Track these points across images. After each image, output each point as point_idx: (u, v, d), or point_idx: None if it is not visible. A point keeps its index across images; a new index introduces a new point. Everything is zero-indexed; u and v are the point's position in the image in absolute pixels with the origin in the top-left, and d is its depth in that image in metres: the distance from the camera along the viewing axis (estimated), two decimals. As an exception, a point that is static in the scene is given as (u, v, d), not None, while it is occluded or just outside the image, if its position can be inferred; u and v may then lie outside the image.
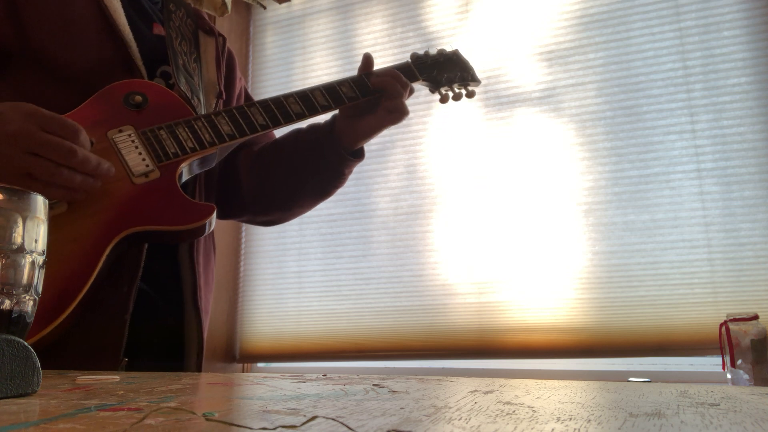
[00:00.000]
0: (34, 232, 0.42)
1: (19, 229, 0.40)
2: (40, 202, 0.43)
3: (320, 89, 0.97)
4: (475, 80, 1.13)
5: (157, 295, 0.90)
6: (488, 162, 2.19)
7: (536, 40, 2.20)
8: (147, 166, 0.81)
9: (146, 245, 0.83)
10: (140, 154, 0.82)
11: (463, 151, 2.23)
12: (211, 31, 1.07)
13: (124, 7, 0.91)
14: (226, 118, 0.89)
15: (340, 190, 1.07)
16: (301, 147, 1.04)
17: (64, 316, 0.70)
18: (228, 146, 0.91)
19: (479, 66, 2.24)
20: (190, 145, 0.85)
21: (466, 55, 1.15)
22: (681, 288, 1.90)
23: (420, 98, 2.27)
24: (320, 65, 2.51)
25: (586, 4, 2.16)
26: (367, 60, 1.02)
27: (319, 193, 1.08)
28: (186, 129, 0.85)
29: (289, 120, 0.94)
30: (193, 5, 1.08)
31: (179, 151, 0.84)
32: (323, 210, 2.34)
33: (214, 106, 0.98)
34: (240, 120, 0.90)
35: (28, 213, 0.41)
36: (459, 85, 1.11)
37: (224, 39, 1.09)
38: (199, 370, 0.91)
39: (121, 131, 0.82)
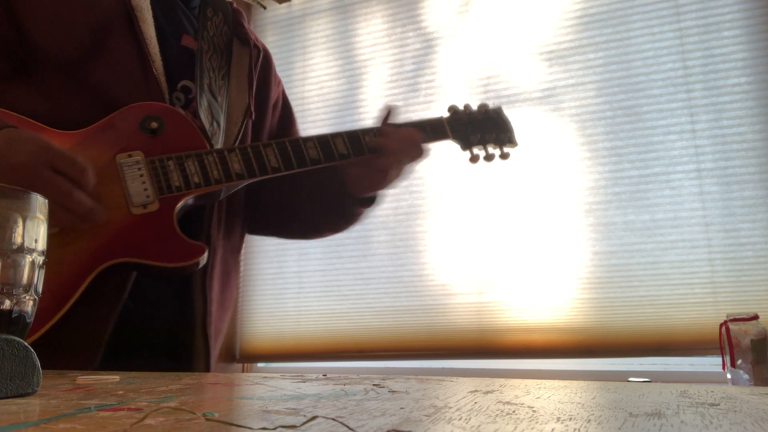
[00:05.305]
0: (34, 232, 0.42)
1: (19, 229, 0.40)
2: (40, 202, 0.43)
3: (343, 136, 0.94)
4: (513, 143, 1.07)
5: (165, 320, 0.88)
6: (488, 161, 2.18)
7: (536, 40, 2.20)
8: (147, 197, 0.80)
9: (134, 273, 0.81)
10: (143, 183, 0.81)
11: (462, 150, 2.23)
12: (246, 42, 1.02)
13: (155, 16, 0.88)
14: (239, 156, 0.87)
15: None
16: (314, 185, 1.04)
17: (34, 337, 0.70)
18: (236, 184, 0.89)
19: (478, 66, 2.26)
20: (196, 180, 0.83)
21: (509, 114, 1.09)
22: (681, 288, 1.90)
23: (420, 98, 2.27)
24: (320, 65, 2.51)
25: (586, 4, 2.16)
26: (389, 111, 0.98)
27: (335, 229, 1.09)
28: (195, 163, 0.84)
29: (303, 165, 0.91)
30: None
31: (183, 186, 0.82)
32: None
33: (240, 125, 0.95)
34: (252, 160, 0.88)
35: (28, 213, 0.41)
36: (494, 146, 1.07)
37: (259, 51, 1.04)
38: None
39: (130, 156, 0.81)
